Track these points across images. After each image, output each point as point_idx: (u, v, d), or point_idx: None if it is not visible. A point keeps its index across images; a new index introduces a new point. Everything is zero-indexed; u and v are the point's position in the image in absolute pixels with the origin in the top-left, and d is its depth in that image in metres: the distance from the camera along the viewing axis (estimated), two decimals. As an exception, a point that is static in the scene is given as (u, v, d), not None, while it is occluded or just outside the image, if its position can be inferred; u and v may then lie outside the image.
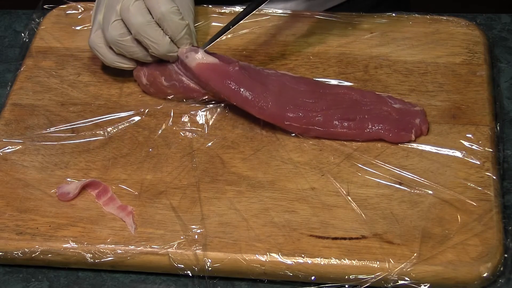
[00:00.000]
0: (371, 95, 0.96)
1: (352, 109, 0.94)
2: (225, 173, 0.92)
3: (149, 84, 0.98)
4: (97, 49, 0.98)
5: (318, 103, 0.94)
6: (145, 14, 0.94)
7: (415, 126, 0.93)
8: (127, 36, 0.95)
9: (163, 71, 0.98)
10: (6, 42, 1.10)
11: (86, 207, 0.90)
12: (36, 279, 0.88)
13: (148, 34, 0.94)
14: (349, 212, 0.88)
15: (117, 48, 0.96)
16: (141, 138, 0.96)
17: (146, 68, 0.98)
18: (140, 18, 0.94)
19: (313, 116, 0.93)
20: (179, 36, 0.95)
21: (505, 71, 1.02)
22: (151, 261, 0.86)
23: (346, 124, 0.93)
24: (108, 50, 0.97)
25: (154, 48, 0.95)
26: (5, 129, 0.98)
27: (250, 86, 0.94)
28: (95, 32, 0.97)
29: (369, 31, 1.04)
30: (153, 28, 0.94)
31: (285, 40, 1.04)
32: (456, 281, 0.83)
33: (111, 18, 0.95)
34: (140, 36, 0.94)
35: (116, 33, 0.95)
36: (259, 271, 0.85)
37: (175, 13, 0.94)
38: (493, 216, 0.86)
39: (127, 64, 0.98)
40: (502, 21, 1.08)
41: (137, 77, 0.99)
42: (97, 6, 0.99)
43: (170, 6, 0.94)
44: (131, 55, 0.97)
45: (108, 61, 0.98)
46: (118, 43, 0.96)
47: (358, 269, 0.84)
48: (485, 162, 0.91)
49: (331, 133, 0.94)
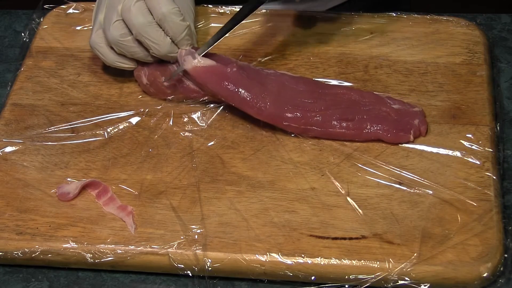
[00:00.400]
0: (370, 96, 0.96)
1: (350, 109, 0.94)
2: (225, 173, 0.92)
3: (149, 84, 0.98)
4: (98, 49, 0.98)
5: (317, 103, 0.94)
6: (146, 15, 0.94)
7: (414, 127, 0.93)
8: (128, 37, 0.95)
9: (163, 71, 0.98)
10: (6, 42, 1.10)
11: (86, 207, 0.90)
12: (36, 279, 0.88)
13: (149, 34, 0.94)
14: (349, 212, 0.88)
15: (118, 48, 0.96)
16: (141, 138, 0.96)
17: (147, 68, 0.98)
18: (141, 18, 0.94)
19: (311, 116, 0.93)
20: (180, 37, 0.95)
21: (505, 71, 1.02)
22: (151, 261, 0.86)
23: (345, 125, 0.93)
24: (109, 50, 0.97)
25: (155, 49, 0.95)
26: (5, 129, 0.98)
27: (248, 86, 0.94)
28: (96, 32, 0.97)
29: (369, 31, 1.04)
30: (154, 29, 0.94)
31: (285, 40, 1.04)
32: (456, 281, 0.83)
33: (113, 18, 0.95)
34: (141, 36, 0.94)
35: (117, 33, 0.95)
36: (259, 271, 0.85)
37: (176, 14, 0.94)
38: (493, 216, 0.86)
39: (127, 64, 0.98)
40: (502, 21, 1.08)
41: (137, 77, 0.99)
42: (98, 6, 0.99)
43: (171, 7, 0.94)
44: (132, 55, 0.97)
45: (109, 61, 0.98)
46: (119, 43, 0.96)
47: (358, 269, 0.84)
48: (485, 162, 0.91)
49: (330, 133, 0.93)
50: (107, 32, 0.96)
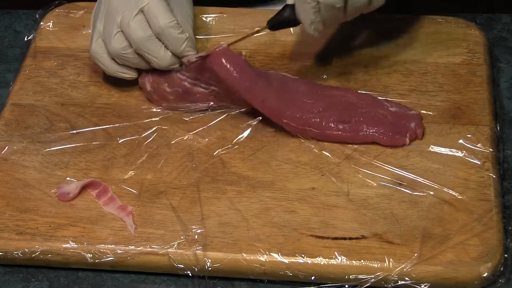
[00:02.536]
0: (367, 98, 0.96)
1: (347, 111, 0.94)
2: (225, 173, 0.92)
3: (152, 91, 0.98)
4: (99, 59, 0.97)
5: (316, 104, 0.94)
6: (146, 29, 0.93)
7: (410, 130, 0.93)
8: (129, 49, 0.95)
9: (167, 78, 0.97)
10: (6, 42, 1.10)
11: (86, 207, 0.90)
12: (36, 279, 0.88)
13: (148, 49, 0.94)
14: (349, 212, 0.88)
15: (120, 61, 0.96)
16: (141, 138, 0.96)
17: (151, 75, 0.98)
18: (141, 33, 0.93)
19: (310, 118, 0.93)
20: (180, 50, 0.94)
21: (505, 71, 1.02)
22: (151, 261, 0.86)
23: (341, 127, 0.93)
24: (110, 61, 0.97)
25: (156, 63, 0.95)
26: (5, 129, 0.98)
27: (255, 78, 0.93)
28: (96, 41, 0.96)
29: (369, 31, 1.04)
30: (154, 43, 0.94)
31: (285, 40, 1.04)
32: (456, 281, 0.83)
33: (113, 30, 0.94)
34: (141, 51, 0.94)
35: (119, 46, 0.94)
36: (259, 271, 0.85)
37: (174, 27, 0.93)
38: (493, 216, 0.86)
39: (129, 74, 0.97)
40: (502, 21, 1.08)
41: (142, 84, 0.99)
42: (96, 13, 0.98)
43: (168, 21, 0.93)
44: (134, 65, 0.97)
45: (110, 71, 0.97)
46: (121, 56, 0.95)
47: (358, 269, 0.84)
48: (485, 162, 0.91)
49: (327, 135, 0.93)
50: (108, 45, 0.95)
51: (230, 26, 1.05)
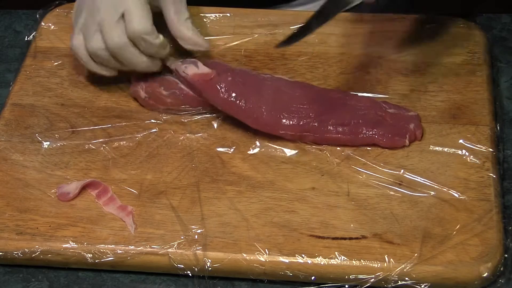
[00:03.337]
0: (366, 100, 0.96)
1: (346, 114, 0.94)
2: (225, 173, 0.92)
3: (148, 97, 0.97)
4: (79, 53, 0.96)
5: (313, 108, 0.94)
6: (122, 36, 0.92)
7: (409, 131, 0.93)
8: (106, 52, 0.94)
9: (161, 81, 0.97)
10: (6, 42, 1.10)
11: (86, 207, 0.90)
12: (36, 279, 0.88)
13: (123, 55, 0.93)
14: (349, 212, 0.88)
15: (98, 60, 0.96)
16: (141, 138, 0.96)
17: (144, 82, 0.97)
18: (117, 39, 0.92)
19: (307, 123, 0.93)
20: (154, 54, 0.95)
21: (505, 71, 1.02)
22: (151, 261, 0.86)
23: (341, 129, 0.93)
24: (90, 58, 0.96)
25: (132, 68, 0.95)
26: (5, 129, 0.98)
27: (244, 95, 0.93)
28: (77, 36, 0.96)
29: (369, 31, 1.04)
30: (128, 50, 0.93)
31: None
32: (456, 281, 0.83)
33: (92, 29, 0.94)
34: (116, 56, 0.94)
35: (97, 47, 0.94)
36: (259, 271, 0.85)
37: (147, 34, 0.92)
38: (493, 216, 0.86)
39: (108, 72, 0.97)
40: (502, 21, 1.08)
41: (134, 93, 0.98)
42: (79, 6, 0.97)
43: (141, 27, 0.92)
44: (112, 65, 0.96)
45: (89, 67, 0.97)
46: (98, 56, 0.95)
47: (358, 269, 0.84)
48: (485, 162, 0.91)
49: (326, 139, 0.93)
50: (87, 43, 0.95)
51: (230, 26, 1.05)
